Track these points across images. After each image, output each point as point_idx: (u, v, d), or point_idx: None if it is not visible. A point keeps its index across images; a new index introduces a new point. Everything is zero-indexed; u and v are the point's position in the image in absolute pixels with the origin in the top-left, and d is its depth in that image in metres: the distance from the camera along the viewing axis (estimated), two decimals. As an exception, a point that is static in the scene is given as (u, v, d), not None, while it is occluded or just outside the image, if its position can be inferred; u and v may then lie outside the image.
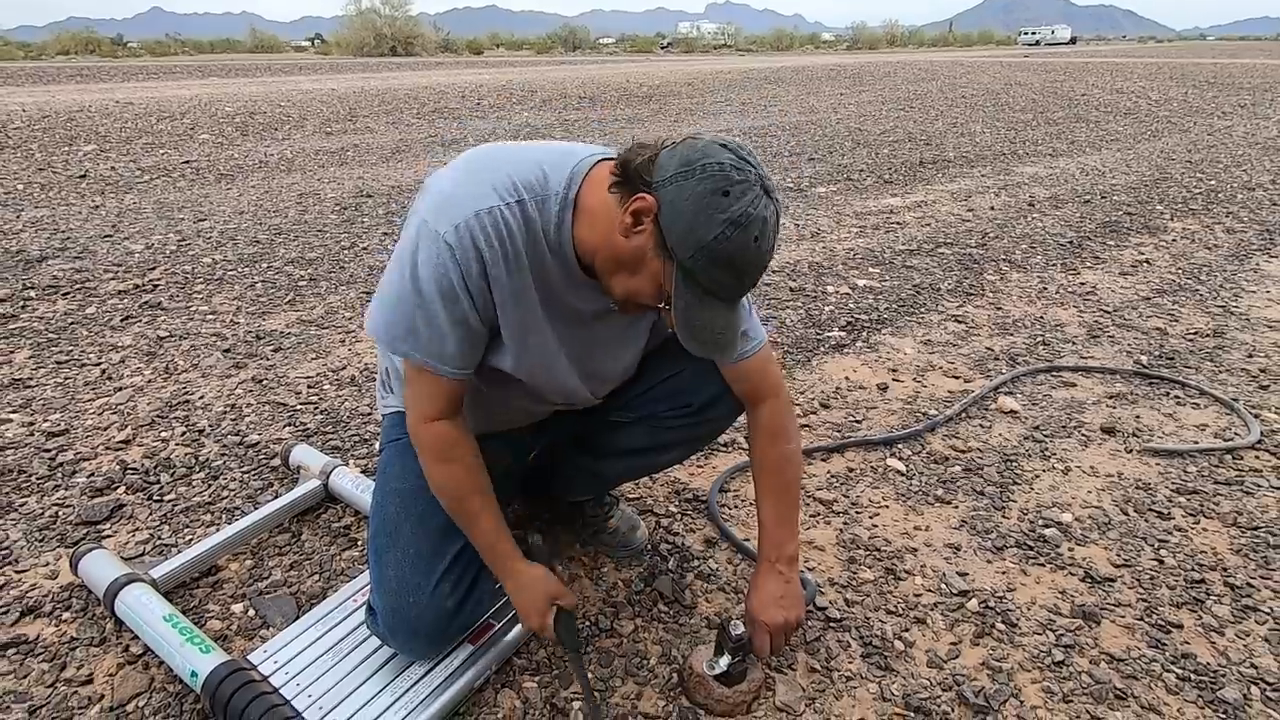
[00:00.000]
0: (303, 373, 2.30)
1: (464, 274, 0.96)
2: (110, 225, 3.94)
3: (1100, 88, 13.50)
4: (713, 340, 0.98)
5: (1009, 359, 2.45)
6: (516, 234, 0.98)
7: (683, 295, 0.93)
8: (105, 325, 2.63)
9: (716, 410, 1.26)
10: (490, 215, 0.95)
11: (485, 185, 0.97)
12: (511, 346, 1.07)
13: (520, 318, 1.05)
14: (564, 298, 1.07)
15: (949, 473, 1.82)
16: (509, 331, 1.06)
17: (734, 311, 0.98)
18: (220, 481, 1.74)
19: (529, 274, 1.02)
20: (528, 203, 0.98)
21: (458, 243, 0.95)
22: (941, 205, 4.59)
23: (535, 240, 1.00)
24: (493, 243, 0.96)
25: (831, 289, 3.10)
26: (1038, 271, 3.34)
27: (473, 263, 0.96)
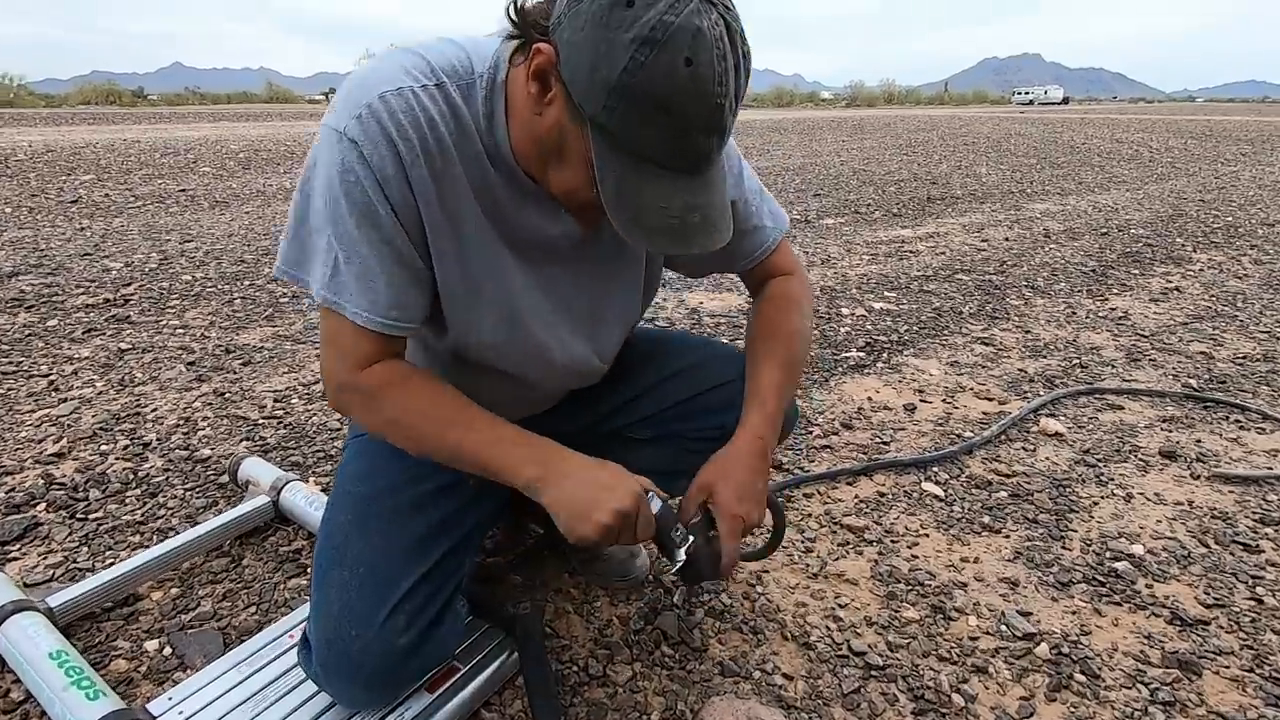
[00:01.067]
0: (270, 386, 2.09)
1: (379, 177, 0.73)
2: (92, 245, 3.79)
3: (1100, 138, 13.63)
4: (666, 226, 0.69)
5: (1045, 381, 2.24)
6: (439, 123, 0.75)
7: (609, 167, 0.68)
8: (65, 337, 2.44)
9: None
10: (400, 97, 0.73)
11: (394, 66, 0.75)
12: (461, 296, 0.83)
13: (465, 251, 0.82)
14: (519, 220, 0.84)
15: (994, 498, 1.59)
16: (452, 271, 0.82)
17: (697, 182, 0.70)
18: (158, 499, 1.52)
19: (465, 182, 0.79)
20: (449, 87, 0.76)
21: (363, 134, 0.72)
22: (954, 237, 4.45)
23: (467, 136, 0.77)
24: (407, 133, 0.73)
25: (846, 311, 2.91)
26: (1063, 297, 3.15)
27: (386, 160, 0.73)
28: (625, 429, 1.12)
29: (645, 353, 1.13)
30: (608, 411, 1.13)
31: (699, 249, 0.72)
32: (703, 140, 0.67)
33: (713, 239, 0.73)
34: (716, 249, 0.74)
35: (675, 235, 0.70)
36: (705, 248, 0.72)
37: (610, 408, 1.12)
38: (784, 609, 1.23)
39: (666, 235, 0.70)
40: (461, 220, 0.81)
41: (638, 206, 0.69)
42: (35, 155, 7.63)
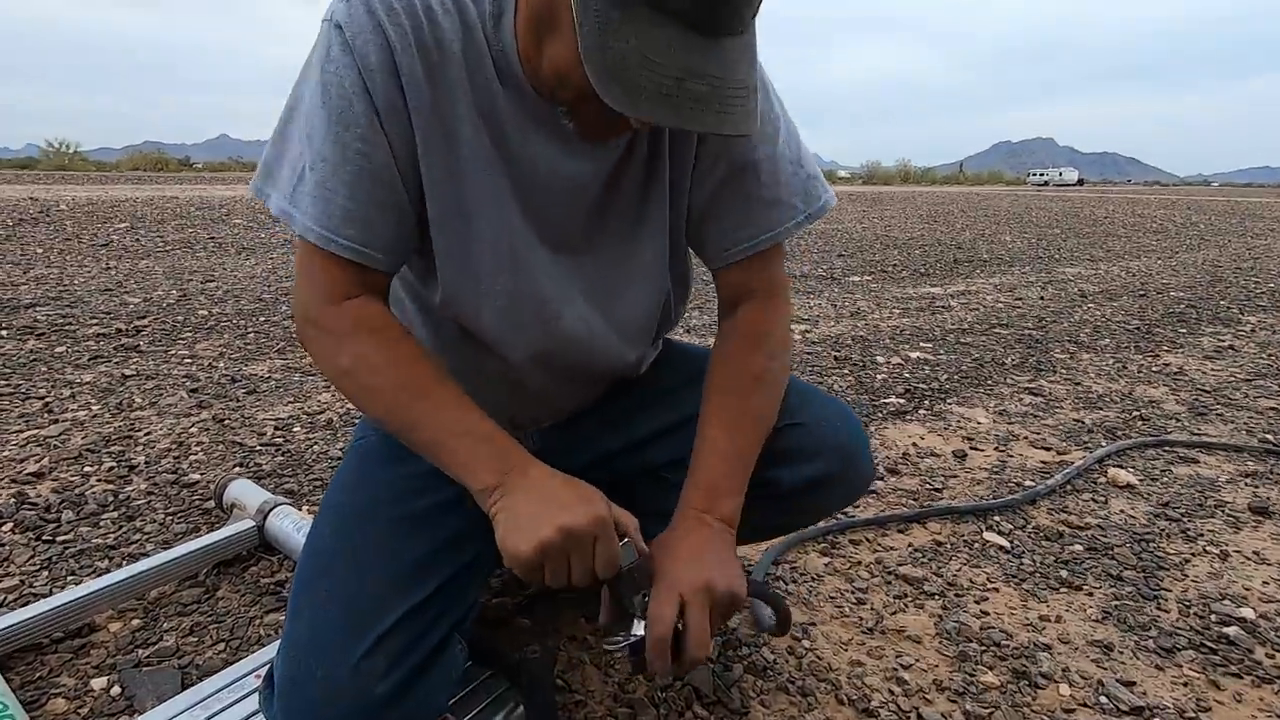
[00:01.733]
0: (273, 415, 1.97)
1: (360, 67, 0.62)
2: (115, 283, 3.78)
3: (1121, 213, 13.65)
4: (656, 87, 0.53)
5: (1105, 431, 2.06)
6: (439, 14, 0.65)
7: (590, 8, 0.53)
8: (69, 363, 2.36)
9: (820, 497, 0.86)
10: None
11: None
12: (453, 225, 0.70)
13: (460, 169, 0.69)
14: (525, 147, 0.71)
15: (1068, 552, 1.40)
16: (444, 191, 0.69)
17: (708, 45, 0.54)
18: (135, 523, 1.37)
19: (466, 88, 0.67)
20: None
21: (349, 17, 0.62)
22: (985, 295, 4.32)
23: (471, 36, 0.66)
24: (400, 19, 0.63)
25: (882, 359, 2.76)
26: (1110, 353, 2.98)
27: (371, 48, 0.62)
28: (662, 467, 0.92)
29: (690, 372, 0.93)
30: (640, 440, 0.94)
31: (700, 127, 0.55)
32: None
33: (723, 120, 0.55)
34: (732, 132, 0.56)
35: (668, 102, 0.53)
36: (710, 128, 0.55)
37: (643, 435, 0.94)
38: (837, 668, 1.05)
39: (655, 101, 0.53)
40: (458, 133, 0.68)
41: (621, 57, 0.53)
42: (76, 207, 7.87)
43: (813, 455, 0.83)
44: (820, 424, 0.85)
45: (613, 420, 0.95)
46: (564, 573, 0.66)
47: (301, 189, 0.66)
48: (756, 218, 0.81)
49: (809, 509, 0.92)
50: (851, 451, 0.86)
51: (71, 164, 33.30)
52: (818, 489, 0.85)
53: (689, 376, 0.93)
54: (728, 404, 0.81)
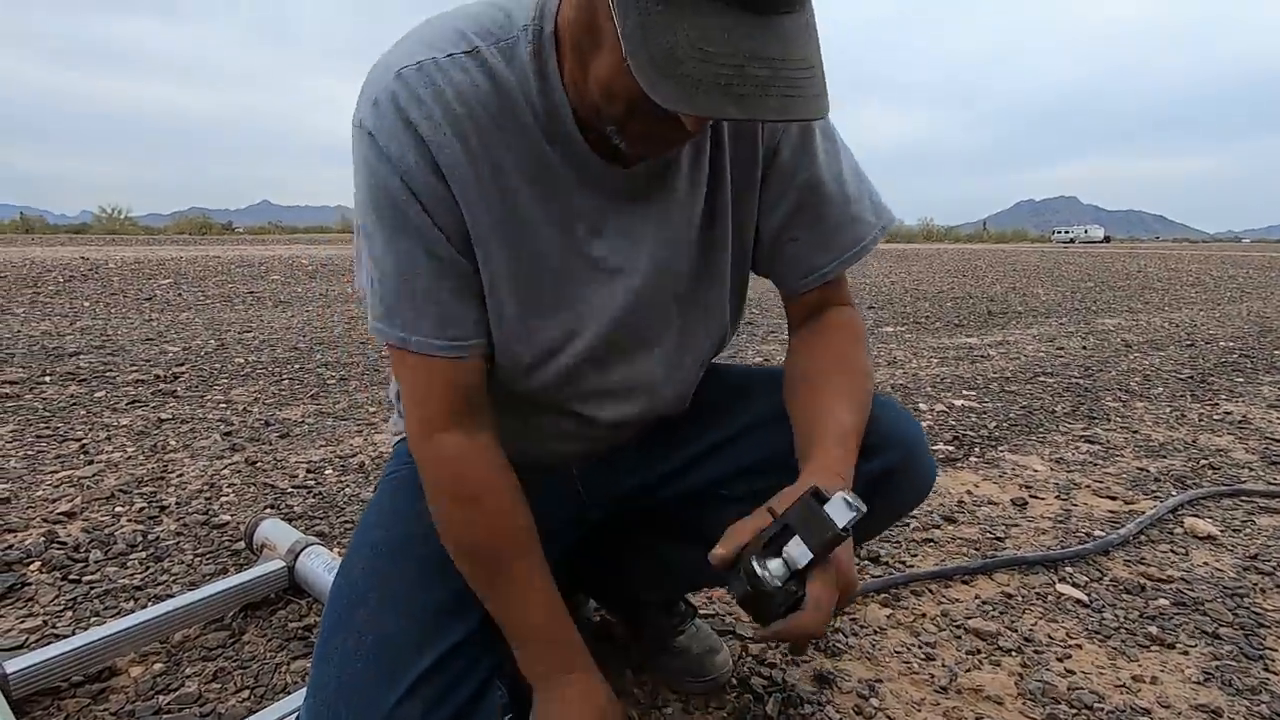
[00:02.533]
0: (305, 458, 1.94)
1: (403, 168, 0.61)
2: (156, 333, 3.86)
3: (1154, 267, 13.46)
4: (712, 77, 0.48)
5: (1173, 480, 1.93)
6: (471, 95, 0.62)
7: (631, 3, 0.49)
8: (107, 407, 2.37)
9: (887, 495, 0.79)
10: (420, 73, 0.61)
11: (415, 41, 0.63)
12: (510, 293, 0.68)
13: (516, 239, 0.67)
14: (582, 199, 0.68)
15: (1153, 606, 1.28)
16: (500, 264, 0.67)
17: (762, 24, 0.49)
18: (163, 564, 1.33)
19: (512, 160, 0.65)
20: (485, 51, 0.62)
21: (378, 123, 0.61)
22: (1025, 345, 4.22)
23: (510, 105, 0.63)
24: (431, 111, 0.60)
25: (925, 406, 2.67)
26: (1166, 401, 2.85)
27: (408, 149, 0.61)
28: (717, 484, 0.87)
29: (740, 387, 0.91)
30: (692, 459, 0.89)
31: (769, 115, 0.49)
32: None
33: (792, 104, 0.49)
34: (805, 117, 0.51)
35: (728, 93, 0.48)
36: (780, 116, 0.49)
37: (690, 456, 0.89)
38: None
39: (714, 93, 0.48)
40: (510, 204, 0.66)
41: (669, 50, 0.47)
42: (123, 265, 8.18)
43: (875, 450, 0.77)
44: (879, 419, 0.79)
45: (656, 446, 0.90)
46: None
47: (388, 303, 0.66)
48: (835, 241, 0.79)
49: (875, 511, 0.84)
50: (914, 444, 0.80)
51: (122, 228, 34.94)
52: (884, 485, 0.78)
53: (729, 392, 0.90)
54: (849, 385, 0.76)
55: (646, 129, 0.60)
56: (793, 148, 0.76)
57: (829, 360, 0.79)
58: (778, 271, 0.82)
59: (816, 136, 0.77)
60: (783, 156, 0.76)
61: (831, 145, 0.78)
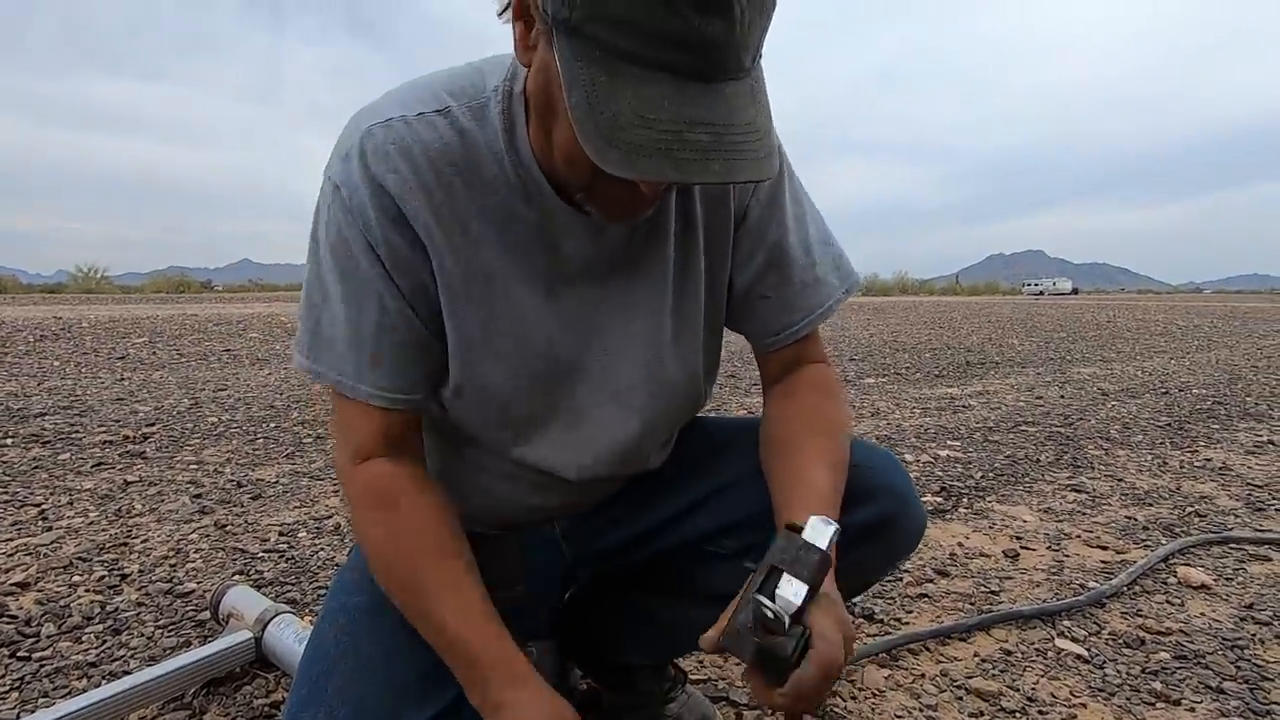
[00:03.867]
0: (278, 520, 1.87)
1: (361, 225, 0.62)
2: (127, 392, 3.77)
3: (1123, 317, 13.81)
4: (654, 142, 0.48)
5: (1162, 529, 1.92)
6: (439, 153, 0.63)
7: (576, 76, 0.49)
8: (71, 470, 2.28)
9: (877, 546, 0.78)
10: (388, 129, 0.62)
11: (388, 100, 0.65)
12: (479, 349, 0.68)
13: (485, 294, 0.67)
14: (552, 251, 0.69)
15: (1155, 660, 1.25)
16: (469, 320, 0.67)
17: (704, 91, 0.49)
18: (120, 637, 1.25)
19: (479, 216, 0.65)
20: (456, 111, 0.64)
21: (345, 177, 0.62)
22: (1005, 395, 4.26)
23: (477, 163, 0.65)
24: (398, 167, 0.62)
25: (911, 457, 2.66)
26: (1147, 449, 2.87)
27: (369, 205, 0.62)
28: (704, 539, 0.85)
29: (725, 440, 0.90)
30: (677, 513, 0.87)
31: (707, 179, 0.50)
32: (696, 18, 0.46)
33: (733, 167, 0.50)
34: (746, 180, 0.51)
35: (668, 158, 0.48)
36: (719, 178, 0.50)
37: (680, 508, 0.87)
38: (918, 802, 0.89)
39: (654, 158, 0.48)
40: (477, 260, 0.66)
41: (613, 119, 0.48)
42: (97, 324, 8.05)
43: (863, 499, 0.76)
44: (866, 467, 0.78)
45: (640, 501, 0.88)
46: None
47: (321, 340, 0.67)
48: (801, 301, 0.80)
49: (862, 563, 0.81)
50: (903, 492, 0.79)
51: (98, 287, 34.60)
52: (874, 536, 0.77)
53: (714, 445, 0.89)
54: (824, 446, 0.74)
55: (612, 195, 0.61)
56: (761, 210, 0.78)
57: (802, 421, 0.78)
58: (749, 328, 0.83)
59: (785, 200, 0.79)
60: (752, 218, 0.78)
61: (799, 209, 0.81)
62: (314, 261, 0.66)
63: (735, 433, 0.91)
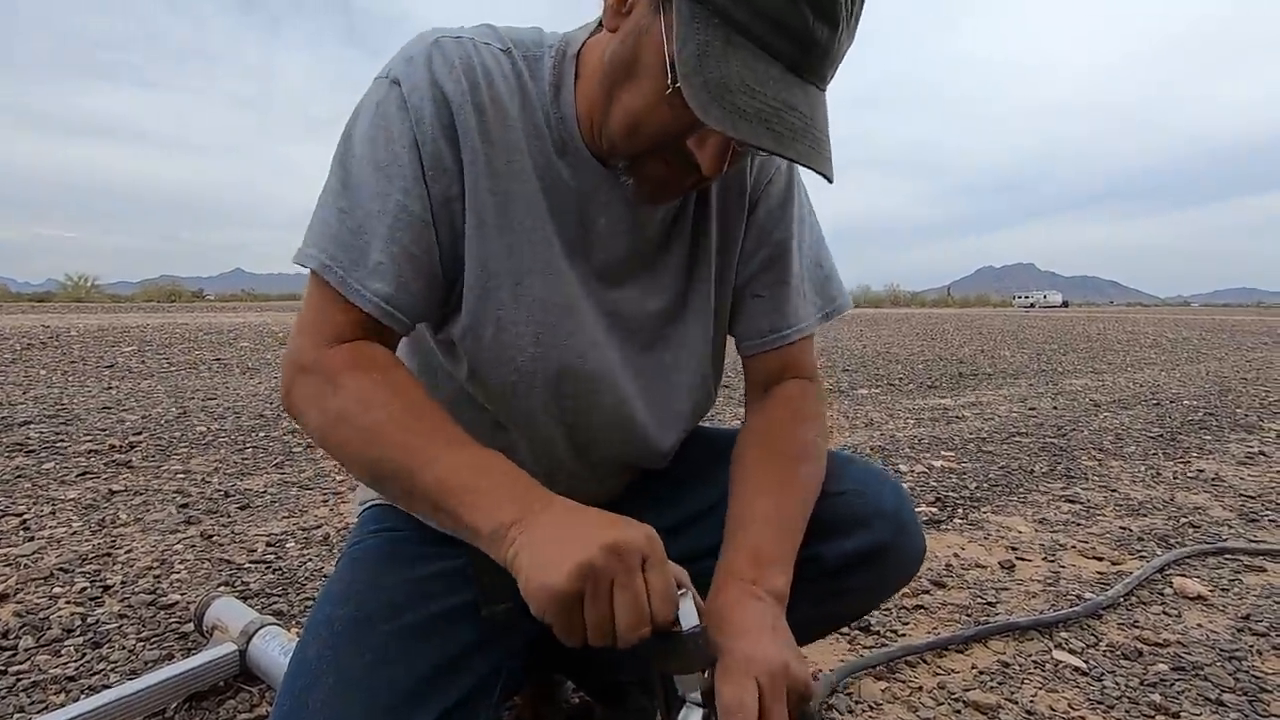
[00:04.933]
0: (266, 530, 1.84)
1: (416, 118, 0.62)
2: (115, 401, 3.72)
3: (1113, 330, 13.92)
4: (758, 111, 0.52)
5: (1157, 539, 1.92)
6: (499, 81, 0.65)
7: (691, 34, 0.53)
8: (55, 479, 2.24)
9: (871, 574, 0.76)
10: (459, 45, 0.64)
11: (458, 28, 0.67)
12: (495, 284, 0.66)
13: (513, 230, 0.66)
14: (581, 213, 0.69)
15: (1153, 672, 1.24)
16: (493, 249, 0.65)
17: (797, 84, 0.54)
18: (101, 650, 1.22)
19: (525, 153, 0.66)
20: (515, 54, 0.67)
21: (408, 75, 0.62)
22: (998, 405, 4.27)
23: (530, 105, 0.66)
24: (459, 79, 0.63)
25: (905, 468, 2.65)
26: (1139, 459, 2.88)
27: (427, 105, 0.62)
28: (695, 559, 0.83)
29: (714, 455, 0.87)
30: (670, 527, 0.85)
31: (798, 157, 0.54)
32: (812, 16, 0.52)
33: (815, 157, 0.55)
34: (823, 170, 0.55)
35: (769, 125, 0.52)
36: (806, 160, 0.54)
37: (669, 525, 0.86)
38: (917, 818, 0.88)
39: (758, 121, 0.52)
40: (514, 194, 0.66)
41: (722, 79, 0.52)
42: (85, 333, 7.98)
43: (858, 526, 0.74)
44: (862, 491, 0.76)
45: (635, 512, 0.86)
46: (608, 614, 0.52)
47: (329, 233, 0.63)
48: (791, 307, 0.80)
49: (859, 590, 0.80)
50: (901, 518, 0.76)
51: (88, 296, 34.34)
52: (868, 563, 0.75)
53: (713, 459, 0.86)
54: (772, 471, 0.73)
55: (659, 171, 0.62)
56: (772, 207, 0.79)
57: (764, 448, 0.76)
58: (738, 328, 0.82)
59: (795, 207, 0.80)
60: (761, 212, 0.78)
61: (804, 223, 0.82)
62: (344, 152, 0.64)
63: (727, 445, 0.89)
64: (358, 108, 0.65)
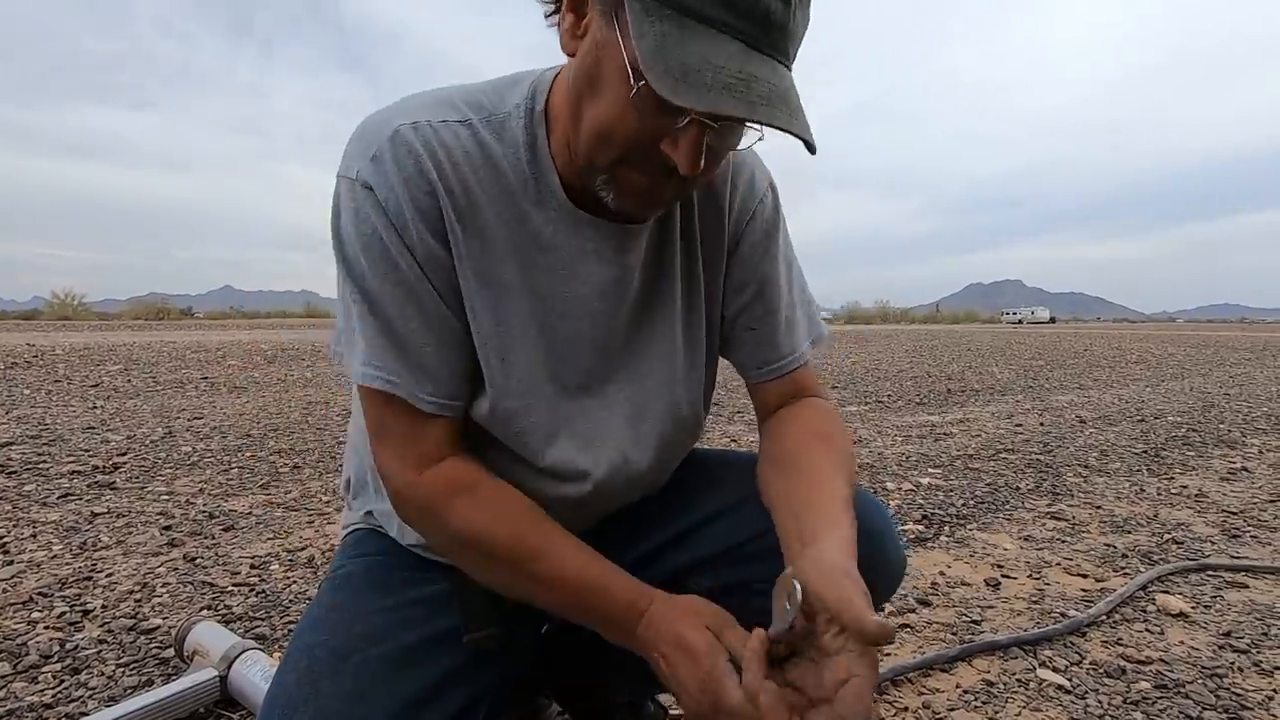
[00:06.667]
0: (250, 553, 1.83)
1: (400, 223, 0.63)
2: (99, 421, 3.69)
3: (1100, 346, 14.05)
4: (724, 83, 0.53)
5: (1141, 556, 1.93)
6: (463, 160, 0.65)
7: (646, 29, 0.53)
8: (36, 501, 2.22)
9: None
10: (417, 131, 0.64)
11: (411, 104, 0.67)
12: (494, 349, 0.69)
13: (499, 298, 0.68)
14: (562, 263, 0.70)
15: (1135, 690, 1.24)
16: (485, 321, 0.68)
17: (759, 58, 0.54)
18: (79, 677, 1.21)
19: (496, 225, 0.67)
20: (476, 124, 0.67)
21: (376, 176, 0.63)
22: (985, 422, 4.29)
23: (499, 174, 0.67)
24: (426, 168, 0.63)
25: (892, 485, 2.66)
26: (1124, 476, 2.90)
27: (404, 204, 0.63)
28: (682, 575, 0.83)
29: (702, 475, 0.89)
30: (657, 548, 0.85)
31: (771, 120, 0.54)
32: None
33: (790, 116, 0.55)
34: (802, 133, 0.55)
35: (737, 94, 0.52)
36: (782, 123, 0.54)
37: (660, 543, 0.86)
38: (901, 840, 0.87)
39: (726, 92, 0.52)
40: (493, 265, 0.68)
41: (682, 62, 0.52)
42: (71, 351, 7.92)
43: None
44: None
45: (619, 538, 0.86)
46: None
47: (377, 352, 0.66)
48: (785, 338, 0.82)
49: None
50: (880, 532, 0.77)
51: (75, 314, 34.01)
52: None
53: (699, 478, 0.88)
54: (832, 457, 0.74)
55: (638, 182, 0.62)
56: (756, 241, 0.80)
57: (811, 436, 0.78)
58: (737, 358, 0.84)
59: (779, 242, 0.82)
60: (744, 247, 0.80)
61: (789, 257, 0.84)
62: (348, 267, 0.65)
63: (713, 465, 0.91)
64: (336, 209, 0.66)
